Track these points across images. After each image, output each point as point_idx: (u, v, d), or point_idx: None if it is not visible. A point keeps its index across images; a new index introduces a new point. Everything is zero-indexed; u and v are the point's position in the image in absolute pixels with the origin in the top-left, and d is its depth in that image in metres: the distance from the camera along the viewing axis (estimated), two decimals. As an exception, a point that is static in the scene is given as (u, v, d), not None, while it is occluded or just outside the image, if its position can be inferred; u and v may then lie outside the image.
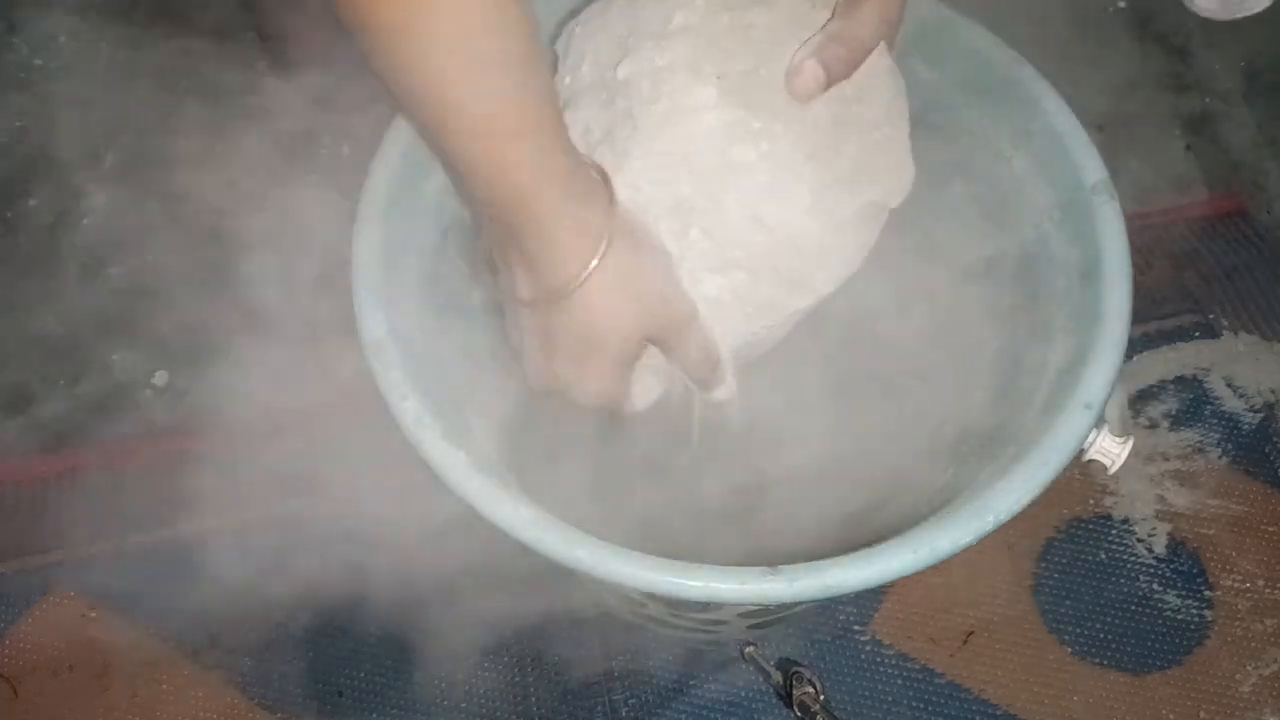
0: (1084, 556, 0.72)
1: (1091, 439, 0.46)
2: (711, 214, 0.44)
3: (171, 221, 0.84)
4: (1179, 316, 0.82)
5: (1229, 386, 0.79)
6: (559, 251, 0.41)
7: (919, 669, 0.68)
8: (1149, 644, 0.70)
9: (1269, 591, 0.71)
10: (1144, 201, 0.88)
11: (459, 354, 0.52)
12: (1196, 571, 0.72)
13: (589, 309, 0.42)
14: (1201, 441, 0.77)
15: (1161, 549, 0.73)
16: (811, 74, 0.43)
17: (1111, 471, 0.47)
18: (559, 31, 0.48)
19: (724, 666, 0.68)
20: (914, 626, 0.70)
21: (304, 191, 0.85)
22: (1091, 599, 0.71)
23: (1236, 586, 0.71)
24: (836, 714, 0.52)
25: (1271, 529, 0.73)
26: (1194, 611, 0.71)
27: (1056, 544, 0.73)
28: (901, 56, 0.47)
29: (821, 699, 0.53)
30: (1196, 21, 0.56)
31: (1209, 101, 0.95)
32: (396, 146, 0.50)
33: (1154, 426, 0.77)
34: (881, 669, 0.68)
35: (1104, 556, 0.72)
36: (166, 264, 0.82)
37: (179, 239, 0.83)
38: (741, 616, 0.57)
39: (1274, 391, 0.78)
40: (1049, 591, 0.71)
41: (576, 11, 0.48)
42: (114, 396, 0.76)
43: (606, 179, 0.43)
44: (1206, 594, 0.71)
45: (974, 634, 0.70)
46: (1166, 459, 0.76)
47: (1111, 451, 0.47)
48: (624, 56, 0.44)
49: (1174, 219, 0.87)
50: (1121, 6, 1.00)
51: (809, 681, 0.53)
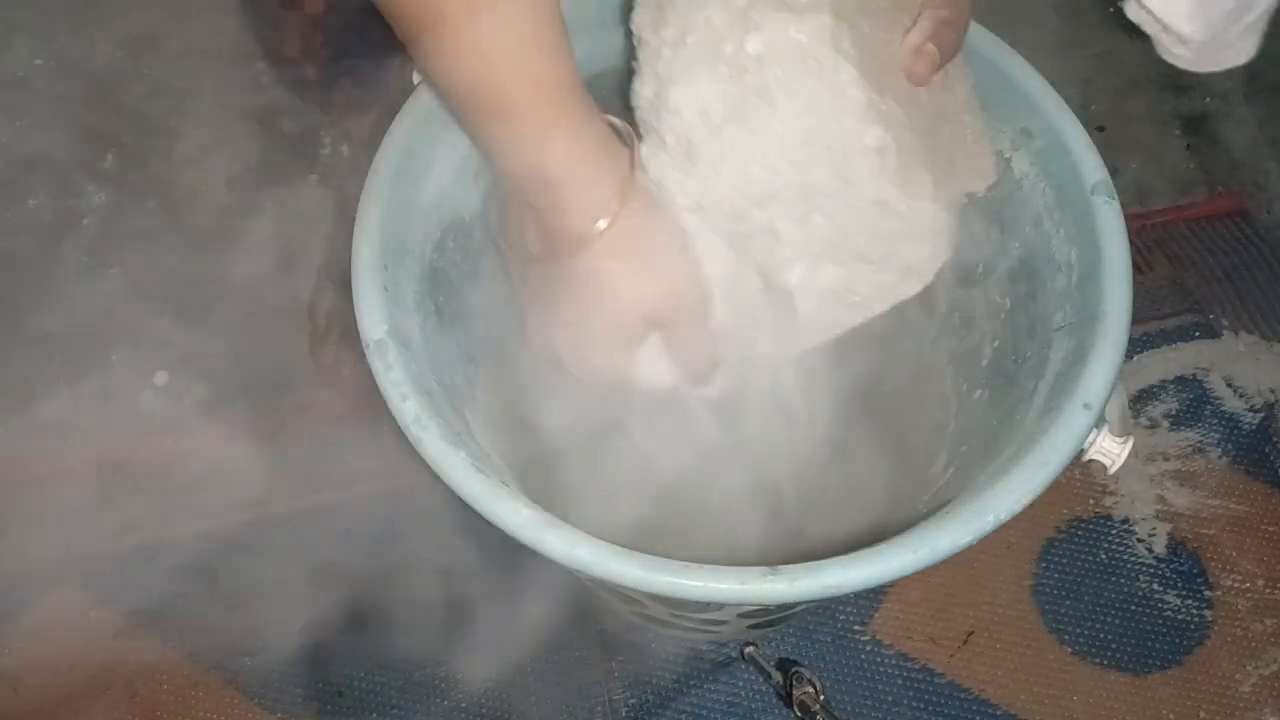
0: (1084, 556, 0.72)
1: (1091, 439, 0.46)
2: (838, 198, 0.43)
3: (171, 221, 0.84)
4: (1179, 316, 0.82)
5: (1229, 386, 0.79)
6: (571, 210, 0.41)
7: (919, 669, 0.68)
8: (1149, 644, 0.70)
9: (1269, 591, 0.71)
10: (1144, 201, 0.88)
11: (459, 354, 0.52)
12: (1196, 571, 0.72)
13: (592, 273, 0.42)
14: (1201, 441, 0.77)
15: (1161, 549, 0.73)
16: (930, 58, 0.42)
17: (1111, 471, 0.47)
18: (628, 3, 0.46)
19: (724, 666, 0.68)
20: (914, 626, 0.70)
21: (304, 191, 0.85)
22: (1091, 599, 0.71)
23: (1236, 586, 0.71)
24: (836, 714, 0.52)
25: (1271, 529, 0.73)
26: (1194, 611, 0.71)
27: (1056, 544, 0.73)
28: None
29: (821, 699, 0.53)
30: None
31: (1209, 101, 0.95)
32: (397, 146, 0.50)
33: (1154, 426, 0.77)
34: (881, 669, 0.68)
35: (1104, 556, 0.72)
36: (167, 264, 0.82)
37: (179, 239, 0.83)
38: (741, 616, 0.57)
39: (1274, 391, 0.78)
40: (1049, 591, 0.71)
41: None
42: (114, 396, 0.76)
43: (632, 144, 0.43)
44: (1206, 594, 0.71)
45: (974, 634, 0.70)
46: (1166, 459, 0.76)
47: (1111, 451, 0.47)
48: (750, 30, 0.41)
49: (1174, 219, 0.88)
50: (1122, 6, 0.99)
51: (809, 681, 0.53)
